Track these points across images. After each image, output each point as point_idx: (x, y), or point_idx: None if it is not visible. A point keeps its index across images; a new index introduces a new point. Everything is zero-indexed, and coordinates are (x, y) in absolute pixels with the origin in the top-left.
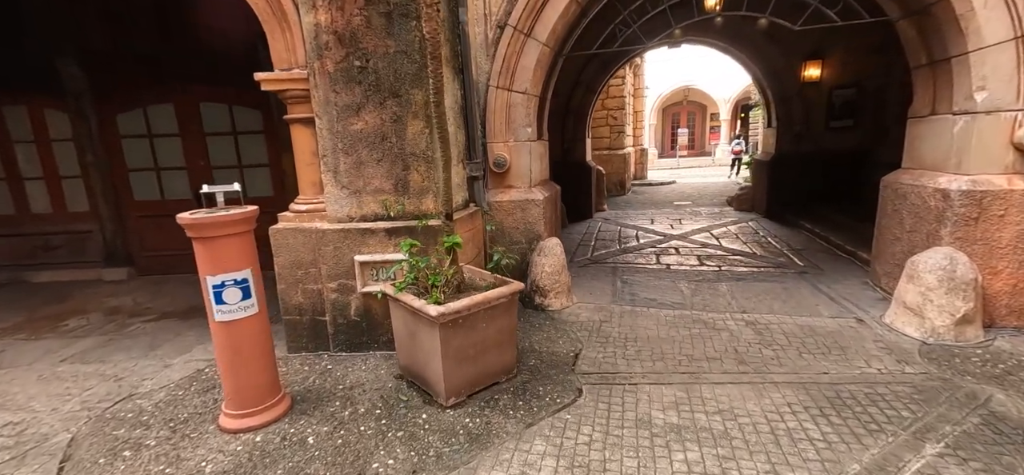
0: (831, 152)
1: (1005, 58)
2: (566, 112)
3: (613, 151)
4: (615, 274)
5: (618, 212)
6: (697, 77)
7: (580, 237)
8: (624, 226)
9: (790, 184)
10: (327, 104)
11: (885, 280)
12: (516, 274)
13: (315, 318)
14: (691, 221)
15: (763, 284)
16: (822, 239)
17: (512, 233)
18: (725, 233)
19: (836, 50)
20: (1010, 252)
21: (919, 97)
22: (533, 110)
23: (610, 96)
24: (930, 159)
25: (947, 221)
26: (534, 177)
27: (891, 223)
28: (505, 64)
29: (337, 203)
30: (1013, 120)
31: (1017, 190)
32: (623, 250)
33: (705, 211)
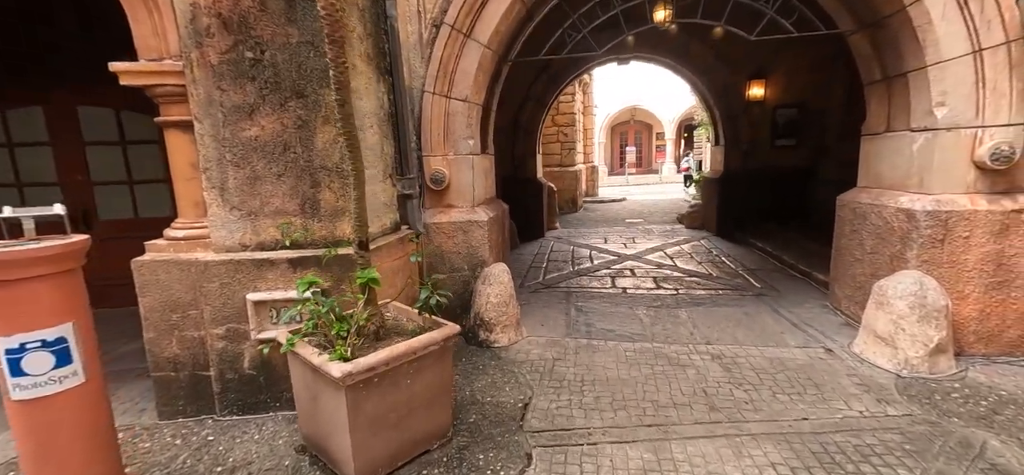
0: (777, 170)
1: (964, 72)
2: (516, 126)
3: (564, 168)
4: (569, 300)
5: (571, 230)
6: (643, 97)
7: (532, 258)
8: (577, 245)
9: (739, 202)
10: (210, 104)
11: (846, 303)
12: (458, 305)
13: (196, 373)
14: (644, 240)
15: (723, 309)
16: (774, 258)
17: (453, 259)
18: (679, 252)
19: (779, 70)
20: (976, 276)
21: (873, 114)
22: (475, 120)
23: (560, 113)
24: (889, 177)
25: (913, 243)
26: (478, 195)
27: (850, 244)
28: (442, 67)
29: (225, 228)
30: (973, 137)
31: (981, 210)
32: (577, 272)
33: (657, 229)
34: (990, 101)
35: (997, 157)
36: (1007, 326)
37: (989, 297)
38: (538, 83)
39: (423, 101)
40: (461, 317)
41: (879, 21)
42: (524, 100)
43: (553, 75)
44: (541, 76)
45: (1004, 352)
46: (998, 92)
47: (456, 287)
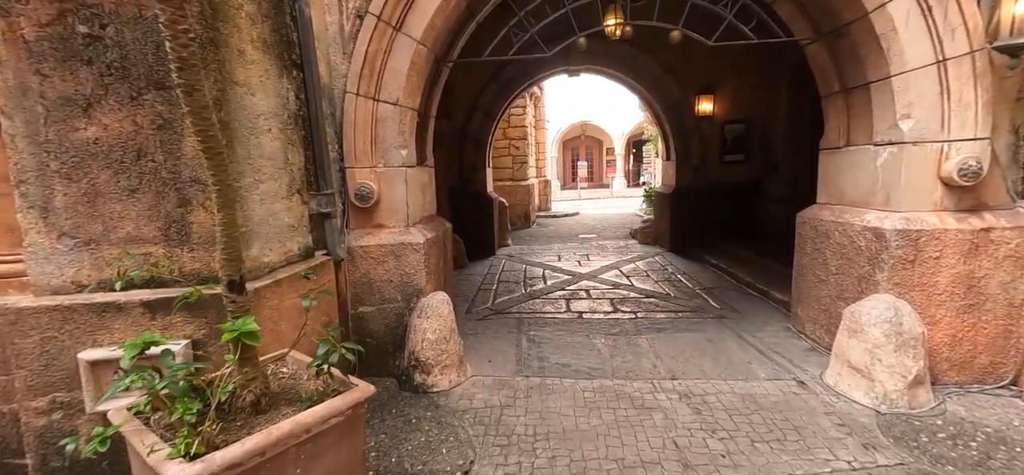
0: (728, 185)
1: (928, 83)
2: (464, 137)
3: (517, 182)
4: (521, 329)
5: (523, 247)
6: (594, 113)
7: (481, 279)
8: (530, 264)
9: (692, 217)
10: (25, 95)
11: (811, 327)
12: (391, 342)
13: (3, 462)
14: (599, 257)
15: (686, 335)
16: (730, 276)
17: (383, 288)
18: (635, 270)
19: (727, 86)
20: (947, 299)
21: (831, 127)
22: (409, 127)
23: (512, 125)
24: (852, 194)
25: (883, 264)
26: (413, 212)
27: (813, 264)
28: (368, 65)
29: (51, 262)
30: (940, 152)
31: (950, 229)
32: (529, 295)
33: (611, 245)
34: (956, 114)
35: (965, 173)
36: (978, 352)
37: (961, 321)
38: (487, 92)
39: (346, 104)
40: (394, 356)
41: (838, 29)
42: (472, 109)
43: (503, 84)
44: (490, 85)
45: (976, 379)
46: (963, 104)
47: (388, 321)
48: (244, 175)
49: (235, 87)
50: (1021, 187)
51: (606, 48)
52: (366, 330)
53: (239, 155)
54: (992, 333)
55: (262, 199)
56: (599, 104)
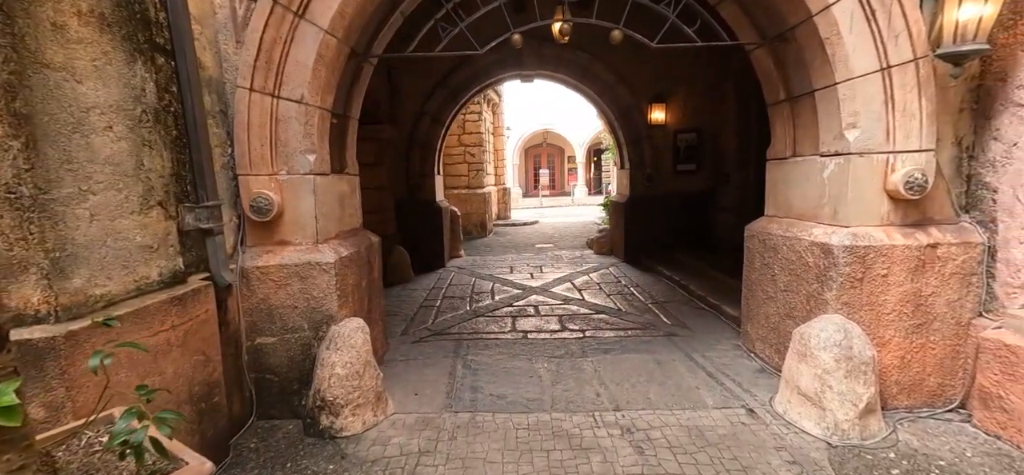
0: (681, 195)
1: (874, 91)
2: (412, 144)
3: (473, 190)
4: (458, 353)
5: (476, 258)
6: (555, 121)
7: (425, 295)
8: (480, 277)
9: (646, 227)
10: None
11: (761, 346)
12: (296, 378)
13: None
14: (552, 268)
15: (633, 357)
16: (683, 289)
17: (286, 315)
18: (587, 283)
19: (678, 95)
20: (896, 319)
21: (778, 137)
22: (318, 129)
23: (467, 132)
24: (800, 206)
25: (832, 282)
26: (325, 227)
27: (761, 279)
28: (265, 55)
29: None
30: (885, 164)
31: (898, 245)
32: (474, 312)
33: (566, 256)
34: (900, 124)
35: (911, 185)
36: (927, 374)
37: (909, 342)
38: (434, 98)
39: (237, 100)
40: (300, 394)
41: (783, 33)
42: (420, 115)
43: (452, 90)
44: (438, 90)
45: (925, 403)
46: (908, 114)
47: (292, 353)
48: (59, 184)
49: (45, 71)
50: (965, 201)
51: (558, 53)
52: (266, 365)
53: (51, 159)
54: (940, 354)
55: (94, 215)
56: (561, 112)
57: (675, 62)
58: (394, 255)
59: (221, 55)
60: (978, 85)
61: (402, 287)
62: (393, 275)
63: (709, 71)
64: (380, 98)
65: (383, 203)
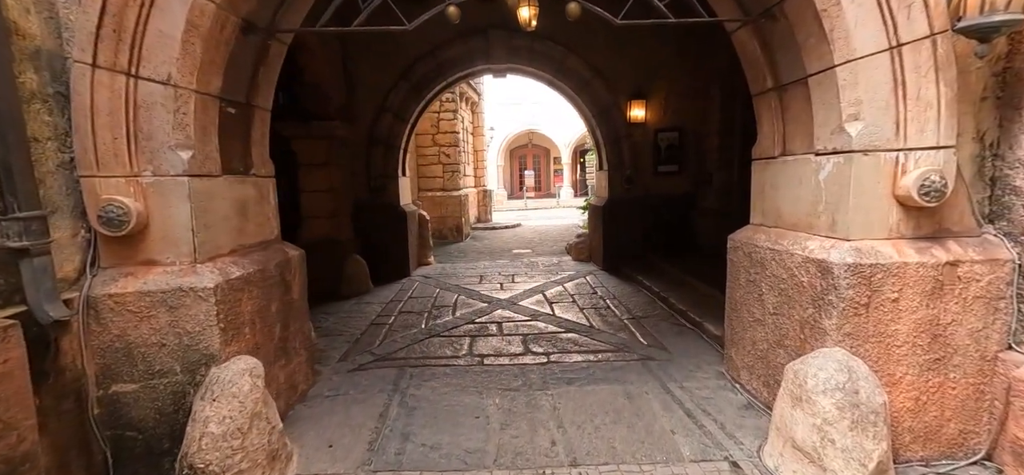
0: (662, 197)
1: (881, 75)
2: (372, 142)
3: (448, 193)
4: (399, 386)
5: (446, 266)
6: (541, 121)
7: (379, 310)
8: (445, 288)
9: (625, 232)
10: None
11: (747, 376)
12: (166, 434)
13: None
14: (526, 277)
15: (601, 389)
16: (662, 301)
17: (152, 355)
18: (560, 295)
19: (659, 92)
20: (909, 352)
21: (765, 133)
22: (196, 117)
23: (441, 131)
24: (791, 215)
25: (831, 308)
26: (211, 242)
27: (747, 298)
28: (113, 20)
29: None
30: (895, 163)
31: (910, 263)
32: (429, 331)
33: (543, 262)
34: (913, 115)
35: (928, 190)
36: (946, 419)
37: (924, 381)
38: (397, 92)
39: (74, 78)
40: (171, 454)
41: (771, 9)
42: (380, 110)
43: (415, 84)
44: (400, 84)
45: (944, 454)
46: (923, 103)
47: (160, 403)
48: None
49: None
50: (988, 209)
51: (530, 45)
52: (126, 419)
53: None
54: (962, 395)
55: None
56: (546, 112)
57: (655, 56)
58: (349, 265)
59: (60, 22)
60: (1005, 68)
61: (357, 300)
62: (349, 287)
63: (691, 67)
64: (332, 92)
65: (337, 207)
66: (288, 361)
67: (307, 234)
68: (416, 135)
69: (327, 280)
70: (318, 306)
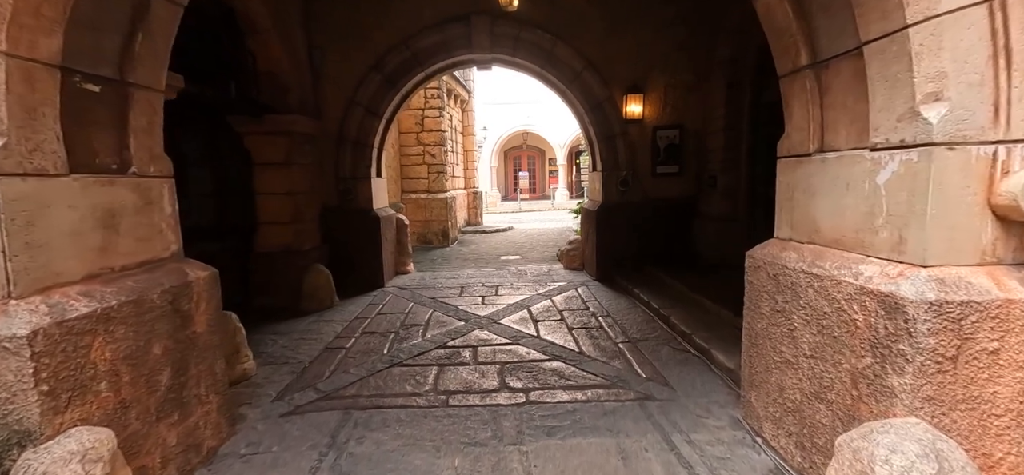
0: (661, 201)
1: (973, 37)
2: (341, 140)
3: (433, 195)
4: (337, 439)
5: (425, 275)
6: (535, 121)
7: (339, 329)
8: (420, 302)
9: (620, 239)
10: None
11: (772, 429)
12: None
13: None
14: (511, 289)
15: (588, 443)
16: (663, 321)
17: None
18: (547, 311)
19: (657, 85)
20: (1014, 424)
21: (796, 124)
22: (8, 88)
23: (426, 129)
24: (832, 229)
25: (903, 360)
26: (42, 269)
27: (773, 332)
28: None
29: None
30: (991, 161)
31: (1016, 301)
32: (392, 359)
33: (532, 271)
34: (1021, 93)
35: None
36: None
37: None
38: (368, 84)
39: None
40: None
41: None
42: (350, 104)
43: (389, 76)
44: (371, 75)
45: None
46: None
47: None
48: None
49: None
50: None
51: (516, 33)
52: None
53: None
54: None
55: None
56: (541, 112)
57: (653, 46)
58: (311, 276)
59: None
60: None
61: (317, 317)
62: (310, 302)
63: (694, 58)
64: (291, 82)
65: (299, 212)
66: (185, 415)
67: (263, 243)
68: (400, 134)
69: (286, 294)
70: (270, 325)
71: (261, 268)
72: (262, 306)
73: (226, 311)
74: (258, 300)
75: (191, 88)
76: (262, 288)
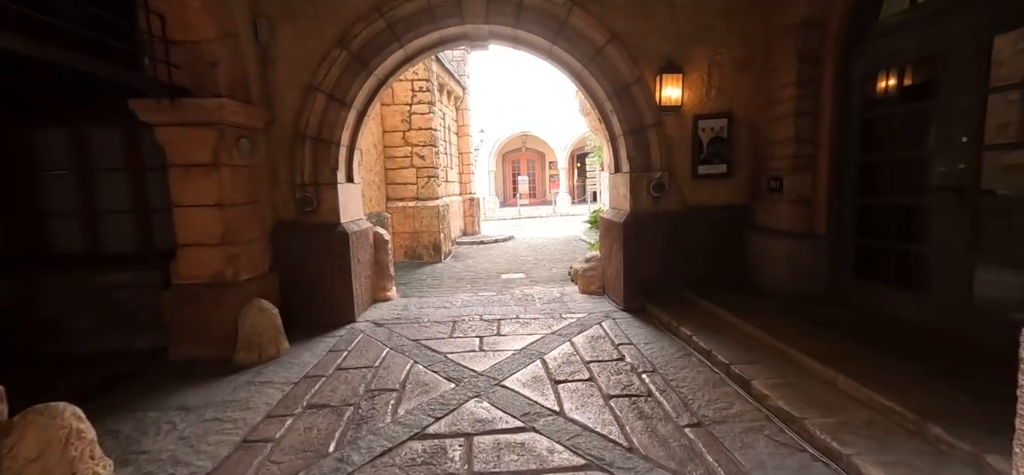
0: (703, 211)
1: None
2: (298, 137)
3: (423, 203)
4: None
5: (411, 302)
6: (534, 123)
7: (275, 401)
8: (398, 347)
9: (654, 258)
10: None
11: None
12: None
13: None
14: (517, 325)
15: None
16: (739, 384)
17: None
18: (569, 362)
19: (699, 62)
20: None
21: None
22: None
23: (414, 128)
24: None
25: None
26: None
27: None
28: None
29: None
30: None
31: None
32: (339, 466)
33: (540, 297)
34: None
35: None
36: None
37: None
38: (331, 65)
39: None
40: None
41: None
42: (308, 90)
43: (357, 54)
44: (335, 52)
45: None
46: None
47: None
48: None
49: None
50: None
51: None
52: None
53: None
54: None
55: None
56: (541, 112)
57: (695, 15)
58: (249, 316)
59: None
60: None
61: (254, 375)
62: (248, 351)
63: (748, 26)
64: (219, 55)
65: (234, 230)
66: None
67: (184, 272)
68: (384, 133)
69: (216, 341)
70: (179, 392)
71: (180, 306)
72: (182, 359)
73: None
74: (179, 349)
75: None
76: (184, 333)
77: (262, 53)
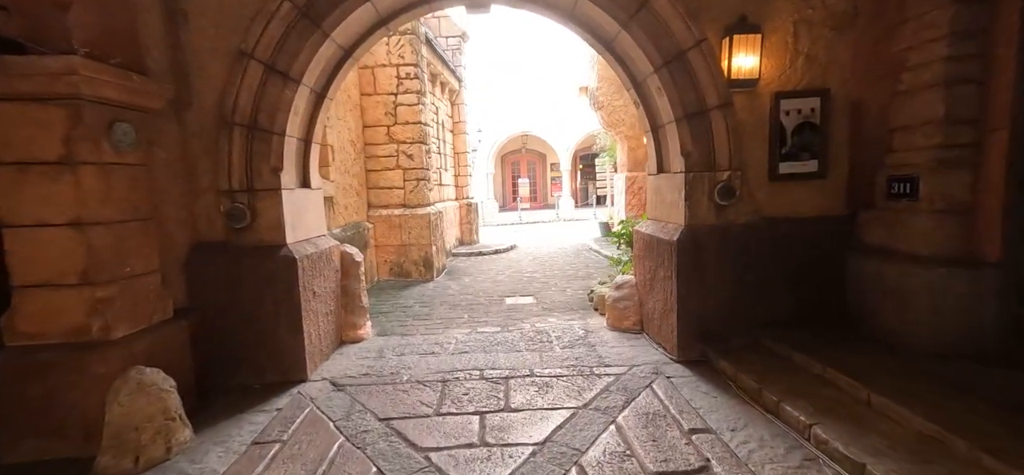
0: (785, 224)
1: None
2: (225, 124)
3: (411, 210)
4: None
5: (386, 345)
6: (535, 123)
7: None
8: (355, 438)
9: (718, 288)
10: None
11: None
12: None
13: None
14: (530, 386)
15: None
16: None
17: None
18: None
19: (781, 20)
20: None
21: None
22: None
23: (400, 121)
24: None
25: None
26: None
27: None
28: None
29: None
30: None
31: None
32: None
33: (558, 333)
34: None
35: None
36: None
37: None
38: (268, 21)
39: None
40: None
41: None
42: (237, 58)
43: (302, 7)
44: (275, 7)
45: None
46: None
47: None
48: None
49: None
50: None
51: None
52: None
53: None
54: None
55: None
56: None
57: None
58: (123, 396)
59: None
60: None
61: None
62: (119, 452)
63: None
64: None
65: (107, 263)
66: None
67: (25, 328)
68: (364, 128)
69: (73, 434)
70: None
71: (17, 381)
72: (18, 463)
73: None
74: (15, 448)
75: None
76: (23, 423)
77: (169, 11)
